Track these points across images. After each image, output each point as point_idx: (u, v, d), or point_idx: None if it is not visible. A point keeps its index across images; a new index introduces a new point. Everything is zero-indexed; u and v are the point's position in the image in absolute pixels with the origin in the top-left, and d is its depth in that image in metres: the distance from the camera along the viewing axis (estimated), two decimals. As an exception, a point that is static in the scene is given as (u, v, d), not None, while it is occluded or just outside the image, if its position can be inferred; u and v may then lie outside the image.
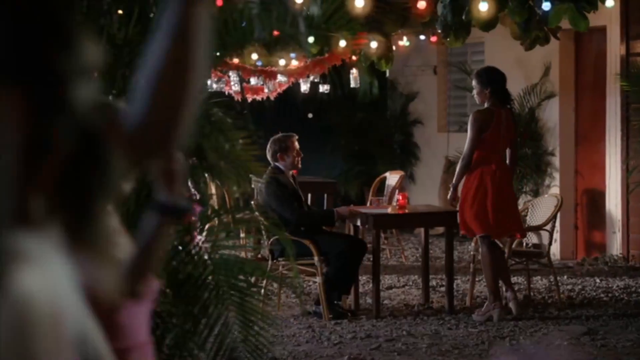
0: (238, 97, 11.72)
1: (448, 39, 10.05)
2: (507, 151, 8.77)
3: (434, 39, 11.88)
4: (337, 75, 12.22)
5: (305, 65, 11.74)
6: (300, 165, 9.02)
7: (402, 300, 9.63)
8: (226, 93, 11.79)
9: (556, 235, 10.51)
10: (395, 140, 15.28)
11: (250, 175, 4.68)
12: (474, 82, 8.79)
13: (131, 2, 4.37)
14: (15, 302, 1.32)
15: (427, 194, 13.94)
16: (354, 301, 9.16)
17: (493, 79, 8.65)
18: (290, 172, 8.97)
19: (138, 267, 2.67)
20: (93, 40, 1.53)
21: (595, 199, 11.88)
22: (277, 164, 8.89)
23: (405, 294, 9.93)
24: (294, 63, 11.73)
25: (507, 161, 8.77)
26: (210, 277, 4.33)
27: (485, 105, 8.64)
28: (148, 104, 1.80)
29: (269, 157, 8.90)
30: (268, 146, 8.92)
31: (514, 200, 9.04)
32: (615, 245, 11.43)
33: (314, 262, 8.69)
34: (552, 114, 12.22)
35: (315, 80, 12.40)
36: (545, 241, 9.27)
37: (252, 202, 8.64)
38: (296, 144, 8.94)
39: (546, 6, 9.30)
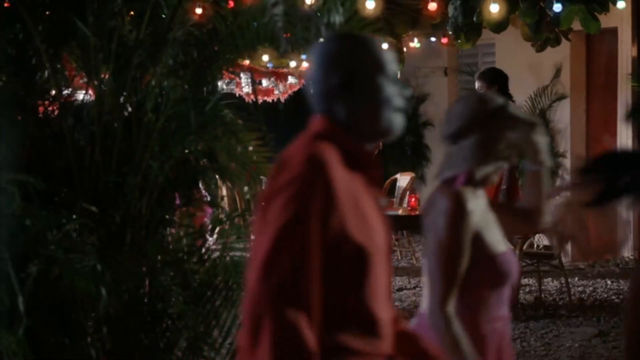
0: (249, 99, 11.74)
1: (459, 41, 10.05)
2: None
3: (444, 40, 11.88)
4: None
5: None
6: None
7: (413, 302, 9.62)
8: (237, 95, 11.82)
9: (567, 237, 10.45)
10: (406, 141, 15.26)
11: (262, 177, 4.69)
12: (478, 84, 8.76)
13: (142, 4, 4.37)
14: None
15: (438, 195, 13.91)
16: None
17: (498, 78, 8.64)
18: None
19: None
20: None
21: (606, 201, 11.84)
22: None
23: (416, 296, 9.92)
24: (305, 65, 11.74)
25: None
26: (221, 279, 4.33)
27: None
28: None
29: None
30: None
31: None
32: (627, 247, 11.40)
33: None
34: (563, 116, 12.20)
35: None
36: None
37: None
38: None
39: (557, 8, 9.29)
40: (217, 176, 4.57)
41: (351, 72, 2.57)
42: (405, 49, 11.70)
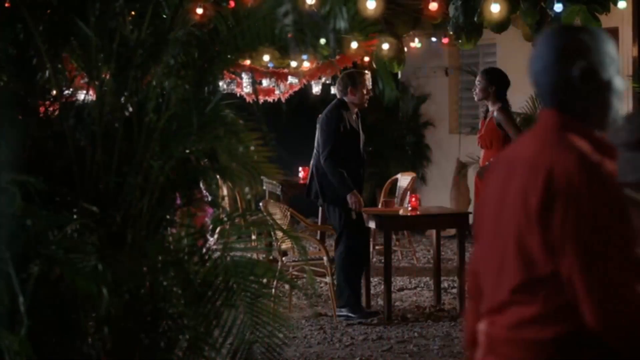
0: (250, 99, 11.75)
1: (460, 41, 10.05)
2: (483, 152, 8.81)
3: (445, 40, 11.88)
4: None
5: (317, 67, 11.75)
6: (367, 105, 9.04)
7: (414, 302, 9.62)
8: (238, 95, 11.82)
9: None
10: (407, 142, 15.28)
11: (262, 177, 4.68)
12: (479, 78, 8.78)
13: (144, 4, 4.37)
14: None
15: (439, 195, 13.92)
16: (366, 303, 9.16)
17: (499, 80, 8.65)
18: (356, 110, 8.99)
19: None
20: None
21: (607, 201, 11.84)
22: (345, 98, 8.93)
23: (416, 296, 9.92)
24: (306, 65, 11.74)
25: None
26: (221, 279, 4.33)
27: (487, 103, 8.67)
28: None
29: (338, 90, 9.00)
30: (339, 79, 9.07)
31: None
32: None
33: (324, 262, 8.71)
34: (564, 116, 12.20)
35: (327, 82, 12.41)
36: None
37: (260, 204, 8.66)
38: (368, 82, 8.98)
39: (558, 8, 9.29)
40: (218, 176, 4.57)
41: (592, 65, 2.63)
42: (406, 49, 11.70)
